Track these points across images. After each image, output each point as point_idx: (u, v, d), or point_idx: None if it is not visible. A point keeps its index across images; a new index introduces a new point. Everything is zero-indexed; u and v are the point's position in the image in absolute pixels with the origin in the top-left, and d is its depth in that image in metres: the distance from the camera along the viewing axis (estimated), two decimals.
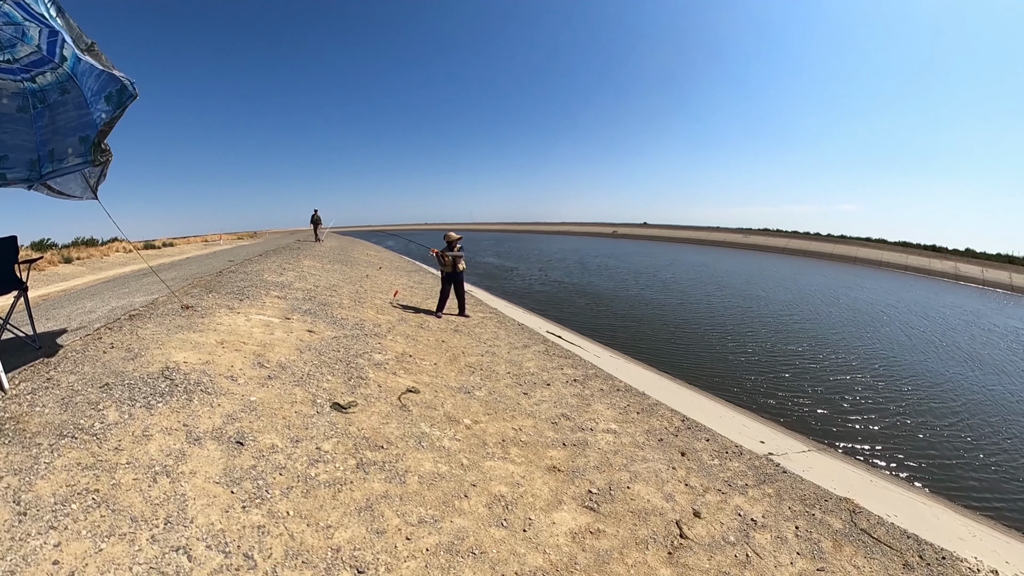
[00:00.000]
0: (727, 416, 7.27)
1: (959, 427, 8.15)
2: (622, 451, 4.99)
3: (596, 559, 3.24)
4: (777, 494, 4.56)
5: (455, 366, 6.95)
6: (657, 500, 4.13)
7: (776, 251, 51.05)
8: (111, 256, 18.16)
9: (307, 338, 6.40)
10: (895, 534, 4.16)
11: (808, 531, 4.00)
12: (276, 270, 11.98)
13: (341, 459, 3.66)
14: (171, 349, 4.85)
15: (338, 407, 4.52)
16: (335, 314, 8.17)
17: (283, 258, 15.36)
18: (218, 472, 3.09)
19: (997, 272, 36.44)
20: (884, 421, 8.04)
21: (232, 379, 4.46)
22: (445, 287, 10.40)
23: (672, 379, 9.27)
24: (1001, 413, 8.96)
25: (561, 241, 57.30)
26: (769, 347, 12.03)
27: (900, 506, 5.00)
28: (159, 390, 3.91)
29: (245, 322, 6.45)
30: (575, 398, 6.37)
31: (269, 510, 2.88)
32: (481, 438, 4.72)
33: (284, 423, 3.94)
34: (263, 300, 8.04)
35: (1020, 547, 4.91)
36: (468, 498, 3.62)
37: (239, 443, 3.44)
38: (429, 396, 5.48)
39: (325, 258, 17.41)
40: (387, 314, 9.29)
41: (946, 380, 10.64)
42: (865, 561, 3.70)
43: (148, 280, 10.55)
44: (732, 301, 18.55)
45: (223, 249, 27.16)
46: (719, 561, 3.44)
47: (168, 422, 3.47)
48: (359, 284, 12.53)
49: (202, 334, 5.55)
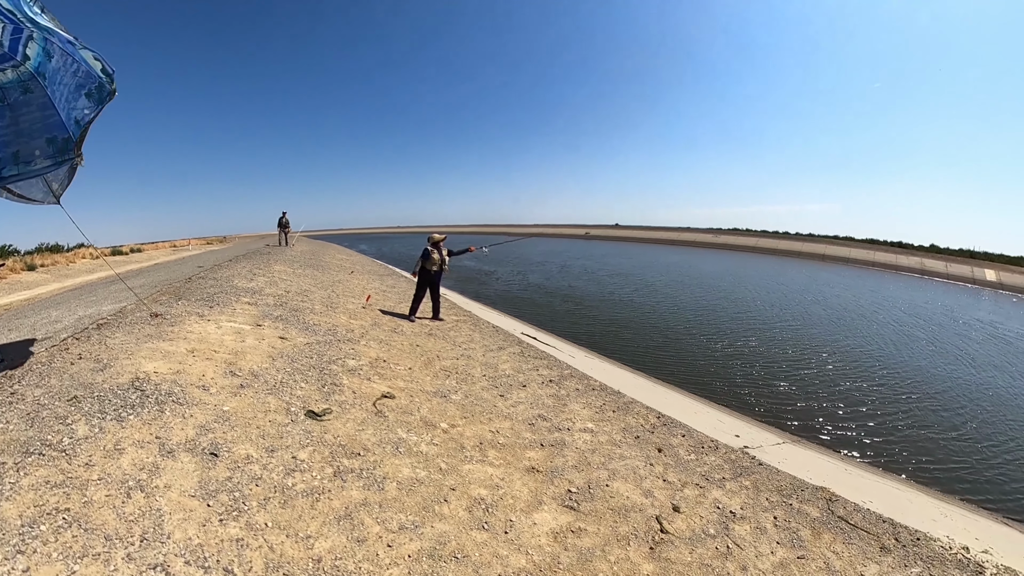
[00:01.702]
0: (702, 412, 7.39)
1: (927, 414, 8.50)
2: (600, 449, 5.04)
3: (579, 558, 3.28)
4: (754, 486, 4.66)
5: (430, 370, 6.94)
6: (636, 497, 4.19)
7: (746, 250, 51.96)
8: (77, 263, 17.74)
9: (279, 345, 6.33)
10: (871, 519, 4.30)
11: (786, 520, 4.11)
12: (246, 276, 11.80)
13: (318, 468, 3.63)
14: (141, 359, 4.76)
15: (313, 415, 4.48)
16: (307, 320, 8.09)
17: (253, 263, 15.13)
18: (193, 485, 3.03)
19: (960, 266, 38.11)
20: (855, 411, 8.31)
21: (204, 389, 4.39)
22: (420, 290, 10.34)
23: (647, 377, 9.39)
24: (967, 399, 9.39)
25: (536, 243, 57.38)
26: (740, 343, 12.26)
27: (875, 492, 5.16)
28: (130, 402, 3.83)
29: (216, 330, 6.35)
30: (551, 398, 6.41)
31: (247, 522, 2.85)
32: (459, 442, 4.73)
33: (258, 433, 3.90)
34: (234, 307, 7.92)
35: (988, 524, 5.16)
36: (448, 502, 3.63)
37: (213, 454, 3.39)
38: (405, 401, 5.47)
39: (296, 263, 17.19)
40: (360, 319, 9.23)
41: (913, 370, 11.05)
42: (844, 547, 3.83)
43: (116, 288, 10.32)
44: (702, 299, 18.85)
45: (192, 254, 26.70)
46: (701, 554, 3.51)
47: (140, 435, 3.40)
48: (331, 289, 12.41)
49: (172, 343, 5.46)
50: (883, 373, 10.59)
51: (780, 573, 3.42)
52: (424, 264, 10.14)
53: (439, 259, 10.08)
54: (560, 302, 17.38)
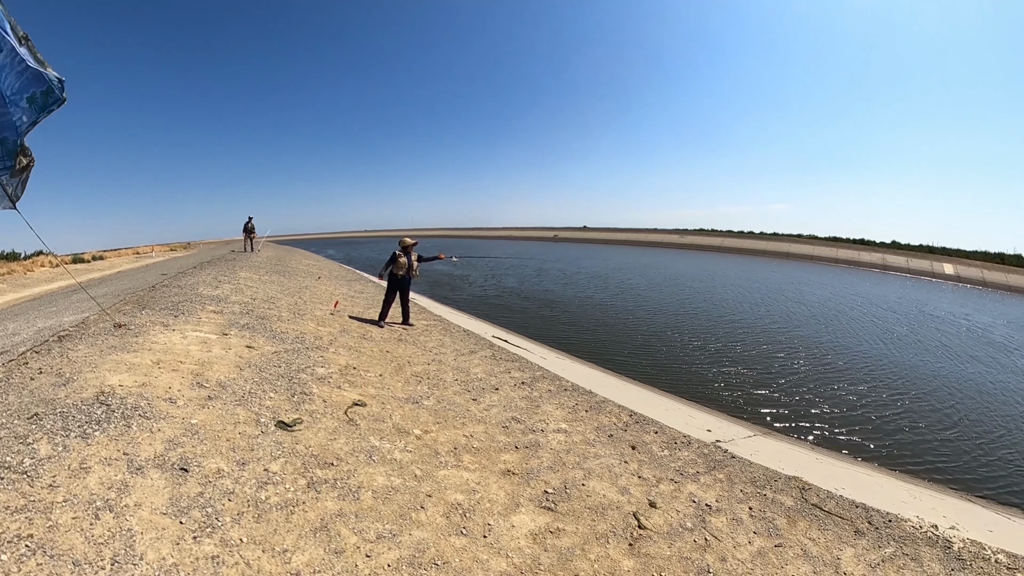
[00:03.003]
0: (673, 408, 7.53)
1: (891, 401, 8.90)
2: (574, 449, 5.10)
3: (559, 558, 3.32)
4: (728, 478, 4.78)
5: (401, 376, 6.91)
6: (613, 494, 4.26)
7: (712, 250, 52.92)
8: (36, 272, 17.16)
9: (246, 354, 6.23)
10: (844, 505, 4.47)
11: (762, 510, 4.23)
12: (211, 283, 11.56)
13: (291, 479, 3.60)
14: (105, 372, 4.63)
15: (283, 425, 4.43)
16: (274, 328, 7.97)
17: (218, 270, 14.82)
18: (164, 502, 2.97)
19: (920, 261, 39.90)
20: (823, 402, 8.61)
21: (171, 401, 4.30)
22: (389, 295, 10.27)
23: (617, 376, 9.52)
24: (929, 385, 9.90)
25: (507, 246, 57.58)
26: (708, 341, 12.49)
27: (846, 479, 5.36)
28: (95, 417, 3.72)
29: (181, 339, 6.22)
30: (524, 401, 6.45)
31: (221, 538, 2.80)
32: (433, 447, 4.73)
33: (228, 445, 3.84)
34: (199, 315, 7.76)
35: (954, 502, 5.44)
36: (425, 509, 3.63)
37: (183, 469, 3.33)
38: (376, 408, 5.44)
39: (262, 269, 16.90)
40: (328, 326, 9.13)
41: (876, 359, 11.51)
42: (819, 533, 3.98)
43: (77, 297, 10.03)
44: (671, 299, 19.14)
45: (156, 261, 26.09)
46: (679, 547, 3.59)
47: (107, 452, 3.31)
48: (298, 295, 12.24)
49: (137, 354, 5.33)
50: (847, 364, 11.00)
51: (759, 562, 3.53)
52: (392, 268, 10.09)
53: (406, 263, 10.04)
54: (537, 306, 17.33)
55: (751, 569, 3.43)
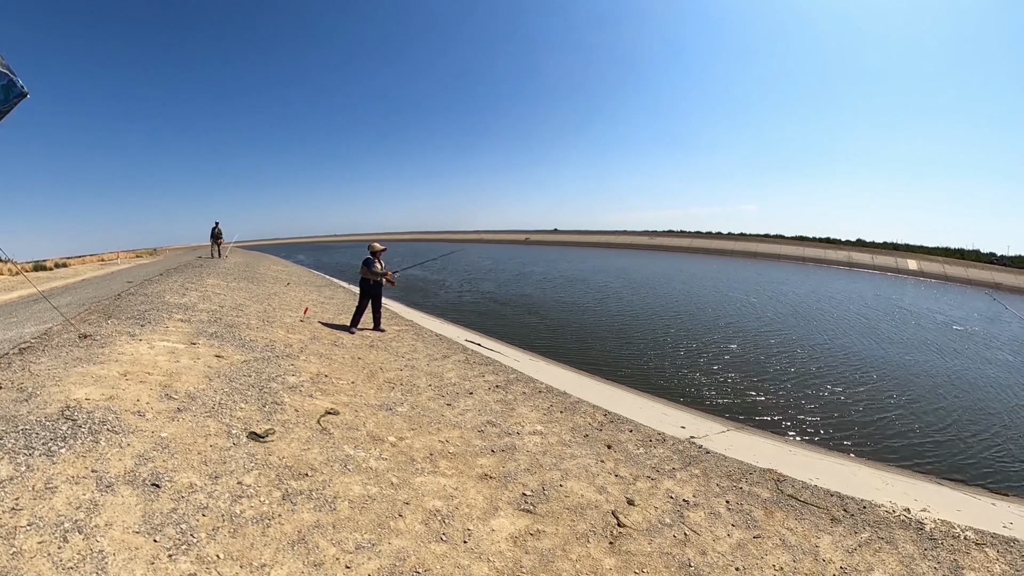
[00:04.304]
0: (647, 407, 7.64)
1: (859, 391, 9.26)
2: (550, 451, 5.15)
3: (541, 560, 3.35)
4: (704, 473, 4.89)
5: (374, 383, 6.88)
6: (591, 494, 4.32)
7: (681, 250, 53.72)
8: None
9: (215, 364, 6.14)
10: (819, 494, 4.63)
11: (739, 503, 4.34)
12: (178, 290, 11.32)
13: (265, 492, 3.56)
14: (70, 385, 4.51)
15: (255, 436, 4.38)
16: (243, 336, 7.86)
17: (185, 277, 14.51)
18: (136, 520, 2.90)
19: (885, 258, 41.61)
20: (794, 394, 8.87)
21: (140, 414, 4.22)
22: (362, 301, 10.23)
23: (591, 376, 9.61)
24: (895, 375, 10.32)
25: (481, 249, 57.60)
26: (679, 339, 12.67)
27: (820, 469, 5.53)
28: (60, 433, 3.61)
29: (149, 350, 6.10)
30: (499, 404, 6.48)
31: (198, 555, 2.76)
32: (408, 454, 4.72)
33: (200, 459, 3.78)
34: (166, 324, 7.60)
35: (924, 486, 5.67)
36: (403, 517, 3.63)
37: (155, 485, 3.27)
38: (350, 416, 5.41)
39: (230, 275, 16.59)
40: (298, 333, 9.03)
41: (843, 351, 11.92)
42: (797, 522, 4.11)
43: (40, 307, 9.73)
44: (643, 299, 19.35)
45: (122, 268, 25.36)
46: (659, 544, 3.66)
47: (74, 469, 3.23)
48: (267, 302, 12.06)
49: (103, 366, 5.20)
50: (814, 357, 11.35)
51: (739, 554, 3.62)
52: (366, 273, 10.05)
53: (382, 268, 10.04)
54: (513, 311, 17.14)
55: (732, 561, 3.52)
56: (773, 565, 3.51)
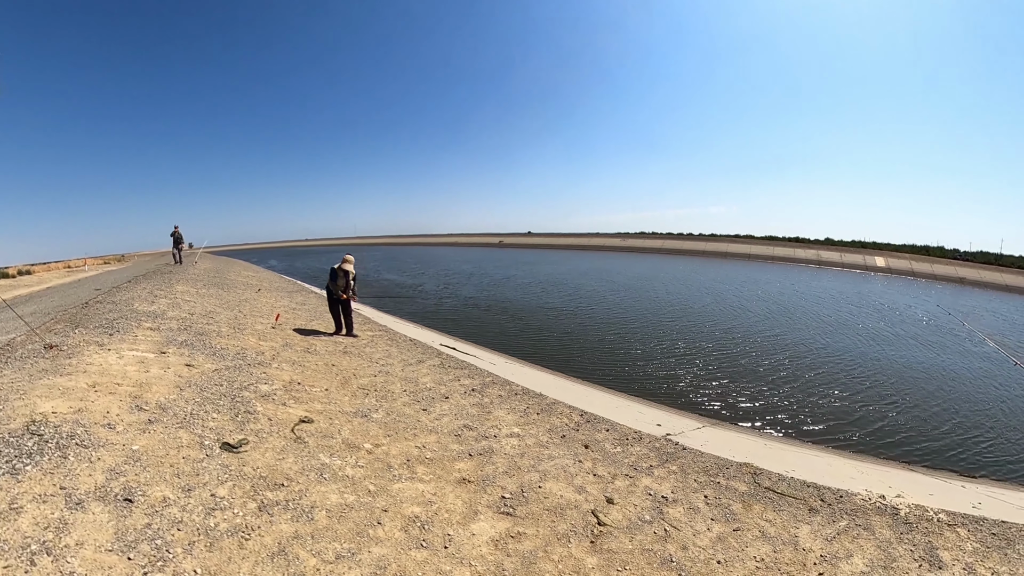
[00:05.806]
0: (623, 406, 7.74)
1: (829, 384, 9.53)
2: (528, 452, 5.19)
3: (523, 562, 3.39)
4: (681, 470, 4.98)
5: (348, 389, 6.84)
6: (570, 494, 4.37)
7: (653, 252, 54.22)
8: None
9: (186, 373, 6.04)
10: (796, 486, 4.76)
11: (717, 498, 4.45)
12: (147, 298, 11.08)
13: (240, 503, 3.53)
14: (36, 398, 4.39)
15: (228, 447, 4.34)
16: (214, 344, 7.74)
17: (154, 283, 14.21)
18: (109, 538, 2.84)
19: (853, 256, 42.57)
20: (766, 390, 9.08)
21: (110, 427, 4.13)
22: (332, 310, 10.30)
23: (567, 377, 9.70)
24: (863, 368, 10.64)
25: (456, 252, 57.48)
26: (652, 338, 12.84)
27: (796, 462, 5.68)
28: (26, 450, 3.50)
29: (118, 359, 5.97)
30: (475, 407, 6.50)
31: (174, 572, 2.71)
32: (385, 461, 4.72)
33: (173, 471, 3.72)
34: (135, 333, 7.45)
35: (897, 472, 5.90)
36: (382, 524, 3.63)
37: (128, 500, 3.21)
38: (324, 424, 5.38)
39: (199, 282, 16.30)
40: (270, 340, 8.93)
41: (812, 347, 12.25)
42: (775, 514, 4.22)
43: (3, 316, 9.45)
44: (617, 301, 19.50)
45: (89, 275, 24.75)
46: (640, 540, 3.73)
47: (41, 487, 3.13)
48: (238, 309, 11.90)
49: (71, 377, 5.08)
50: (785, 352, 11.66)
51: (719, 547, 3.71)
52: (329, 285, 10.13)
53: (344, 284, 9.98)
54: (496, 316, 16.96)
55: (713, 555, 3.61)
56: (754, 556, 3.61)
